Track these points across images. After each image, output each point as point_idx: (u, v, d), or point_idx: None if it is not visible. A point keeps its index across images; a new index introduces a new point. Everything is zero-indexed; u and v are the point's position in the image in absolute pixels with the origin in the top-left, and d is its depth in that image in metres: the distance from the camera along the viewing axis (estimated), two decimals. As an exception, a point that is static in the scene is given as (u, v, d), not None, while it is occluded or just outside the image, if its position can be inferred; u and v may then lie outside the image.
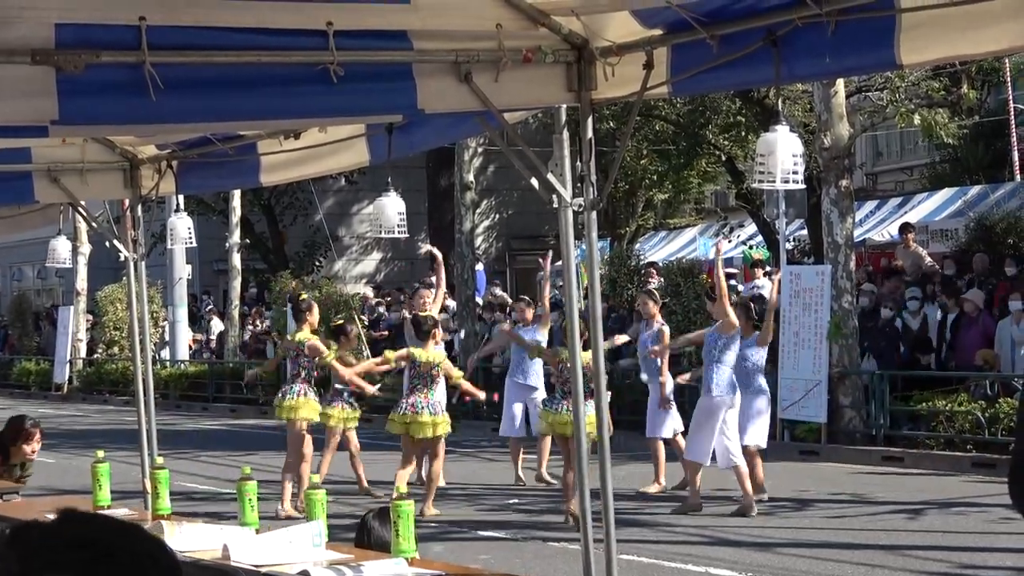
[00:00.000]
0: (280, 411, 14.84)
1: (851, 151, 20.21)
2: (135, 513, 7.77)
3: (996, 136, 32.13)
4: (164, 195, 9.28)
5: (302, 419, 14.71)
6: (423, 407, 14.17)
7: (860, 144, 35.14)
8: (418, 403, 14.18)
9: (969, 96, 25.88)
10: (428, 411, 14.18)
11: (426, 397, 14.24)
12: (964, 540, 12.65)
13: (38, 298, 49.87)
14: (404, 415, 14.19)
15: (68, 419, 29.33)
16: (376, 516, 5.91)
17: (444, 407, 14.74)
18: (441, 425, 14.33)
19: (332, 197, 44.11)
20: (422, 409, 14.16)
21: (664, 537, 13.05)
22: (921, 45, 4.84)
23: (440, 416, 14.32)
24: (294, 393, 14.73)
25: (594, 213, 6.10)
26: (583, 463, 6.26)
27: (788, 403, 19.45)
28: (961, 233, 24.58)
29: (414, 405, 14.17)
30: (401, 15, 5.33)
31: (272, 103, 5.47)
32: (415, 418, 14.14)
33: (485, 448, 21.20)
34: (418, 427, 14.14)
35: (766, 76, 5.44)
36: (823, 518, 14.02)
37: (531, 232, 44.07)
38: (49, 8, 4.88)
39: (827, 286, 19.24)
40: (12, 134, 5.89)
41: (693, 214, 40.28)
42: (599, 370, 6.32)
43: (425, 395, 14.24)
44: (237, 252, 33.96)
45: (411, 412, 14.16)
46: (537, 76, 5.82)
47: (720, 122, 28.71)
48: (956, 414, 18.04)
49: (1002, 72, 30.59)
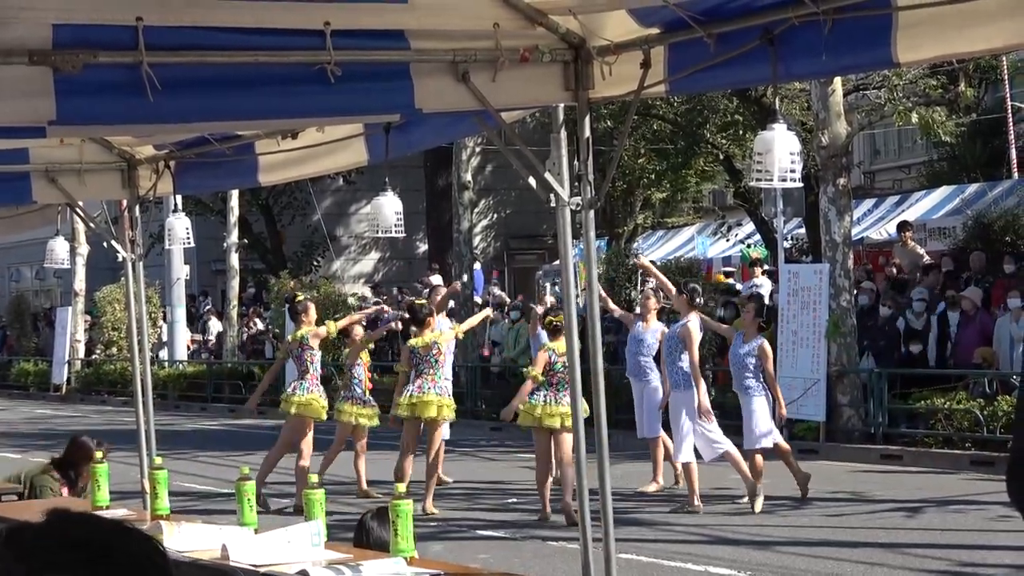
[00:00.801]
0: (288, 405, 14.87)
1: (849, 149, 20.22)
2: (134, 513, 7.76)
3: (994, 134, 32.12)
4: (162, 195, 9.28)
5: (309, 417, 14.78)
6: (429, 388, 14.44)
7: (858, 142, 35.14)
8: (424, 384, 14.45)
9: (966, 94, 25.83)
10: (434, 392, 14.46)
11: (432, 380, 14.49)
12: (963, 538, 12.66)
13: (36, 299, 49.88)
14: (410, 396, 14.43)
15: (66, 420, 29.31)
16: (375, 516, 5.91)
17: (450, 392, 14.87)
18: (446, 408, 14.55)
19: (330, 197, 44.13)
20: (428, 390, 14.43)
21: (663, 536, 13.06)
22: (918, 43, 4.85)
23: (446, 398, 14.50)
24: (304, 389, 14.81)
25: (592, 212, 6.10)
26: (581, 461, 6.27)
27: (787, 402, 19.41)
28: (959, 231, 24.60)
29: (420, 387, 14.44)
30: (398, 14, 5.33)
31: (270, 103, 5.47)
32: (420, 398, 14.37)
33: (484, 447, 21.21)
34: (423, 406, 14.36)
35: (763, 75, 5.44)
36: (822, 516, 14.03)
37: (529, 231, 44.10)
38: (47, 8, 4.88)
39: (825, 285, 19.26)
40: (10, 135, 5.90)
41: (691, 213, 40.27)
42: (597, 368, 6.31)
43: (432, 378, 14.49)
44: (235, 252, 33.98)
45: (417, 392, 14.41)
46: (535, 75, 5.82)
47: (718, 121, 28.70)
48: (955, 412, 18.05)
49: (999, 70, 30.57)
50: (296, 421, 14.85)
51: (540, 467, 13.99)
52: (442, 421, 14.64)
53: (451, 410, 14.70)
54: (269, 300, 34.02)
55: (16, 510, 8.30)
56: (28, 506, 8.77)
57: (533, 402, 13.79)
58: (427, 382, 14.42)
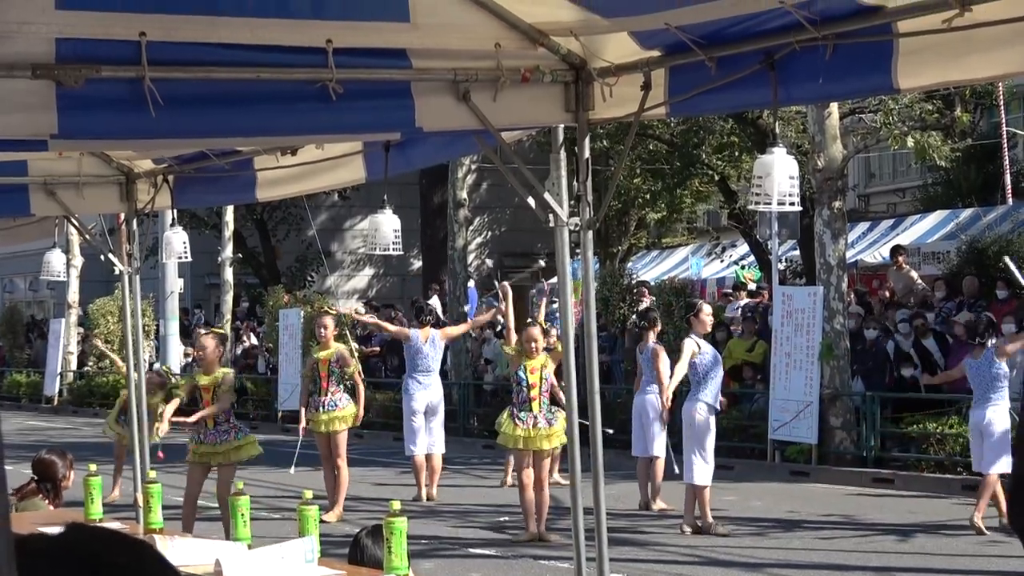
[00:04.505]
0: (322, 424, 15.08)
1: (844, 172, 20.25)
2: (127, 527, 7.76)
3: (988, 159, 32.20)
4: (159, 209, 9.30)
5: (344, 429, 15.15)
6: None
7: (853, 165, 35.22)
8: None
9: (962, 119, 25.88)
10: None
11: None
12: (954, 563, 12.66)
13: (29, 310, 49.80)
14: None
15: (59, 432, 29.25)
16: (369, 533, 5.91)
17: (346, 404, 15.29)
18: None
19: (325, 212, 44.13)
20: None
21: (655, 556, 13.04)
22: (918, 70, 4.87)
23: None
24: (335, 403, 15.08)
25: (590, 232, 6.12)
26: (576, 480, 6.28)
27: (779, 424, 19.47)
28: (953, 255, 24.62)
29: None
30: (400, 34, 5.35)
31: (271, 120, 5.49)
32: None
33: (476, 465, 21.19)
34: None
35: (764, 98, 5.46)
36: (813, 539, 14.02)
37: (523, 249, 44.11)
38: (50, 23, 4.90)
39: (819, 307, 19.27)
40: (11, 147, 5.91)
41: (686, 233, 40.33)
42: (593, 387, 6.33)
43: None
44: (229, 266, 33.94)
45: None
46: (535, 96, 5.85)
47: (714, 142, 28.75)
48: (947, 436, 18.06)
49: (995, 96, 30.65)
50: (335, 437, 15.17)
51: (523, 487, 13.89)
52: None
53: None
54: (263, 315, 33.99)
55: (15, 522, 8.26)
56: (19, 518, 8.75)
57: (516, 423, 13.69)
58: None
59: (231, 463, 12.85)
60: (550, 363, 13.63)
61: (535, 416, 13.48)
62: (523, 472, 13.66)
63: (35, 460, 9.93)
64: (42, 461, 9.94)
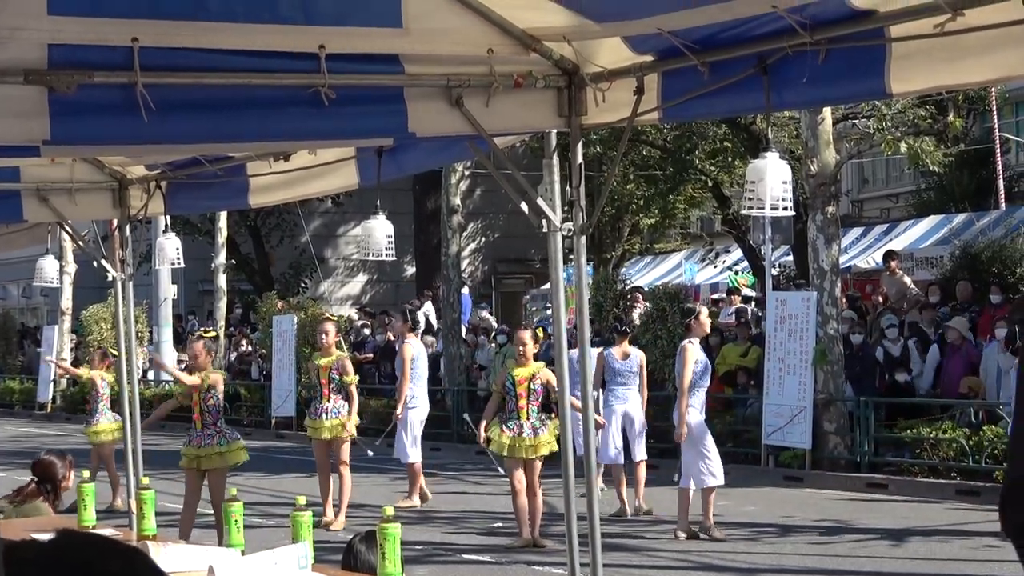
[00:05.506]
0: (325, 431, 15.07)
1: (837, 178, 20.26)
2: (120, 534, 7.74)
3: (981, 164, 32.22)
4: (152, 216, 9.29)
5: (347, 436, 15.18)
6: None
7: (846, 171, 35.23)
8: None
9: (955, 124, 25.98)
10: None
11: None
12: (948, 567, 12.66)
13: (22, 317, 49.74)
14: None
15: (52, 439, 29.18)
16: (363, 539, 5.90)
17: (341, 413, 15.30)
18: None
19: (318, 219, 44.14)
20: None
21: (649, 562, 13.04)
22: (911, 75, 4.87)
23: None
24: (338, 411, 15.06)
25: (584, 238, 6.12)
26: (570, 485, 6.27)
27: (773, 429, 19.47)
28: (946, 261, 24.63)
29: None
30: (393, 39, 5.34)
31: (264, 125, 5.48)
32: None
33: (470, 471, 21.17)
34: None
35: (756, 103, 5.46)
36: (807, 544, 14.02)
37: (517, 255, 44.13)
38: (42, 28, 4.89)
39: (812, 312, 19.27)
40: (3, 153, 5.90)
41: (679, 239, 40.34)
42: (587, 394, 6.33)
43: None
44: (223, 273, 33.93)
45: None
46: (528, 101, 5.84)
47: (707, 147, 28.76)
48: (940, 441, 18.06)
49: (988, 101, 30.71)
50: (337, 443, 15.24)
51: (516, 492, 13.88)
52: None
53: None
54: (256, 321, 33.97)
55: (7, 528, 8.26)
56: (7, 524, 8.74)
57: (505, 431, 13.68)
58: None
59: (216, 468, 12.83)
60: (545, 372, 13.53)
61: (521, 425, 13.52)
62: (515, 477, 13.68)
63: (35, 461, 9.93)
64: (42, 462, 9.93)
